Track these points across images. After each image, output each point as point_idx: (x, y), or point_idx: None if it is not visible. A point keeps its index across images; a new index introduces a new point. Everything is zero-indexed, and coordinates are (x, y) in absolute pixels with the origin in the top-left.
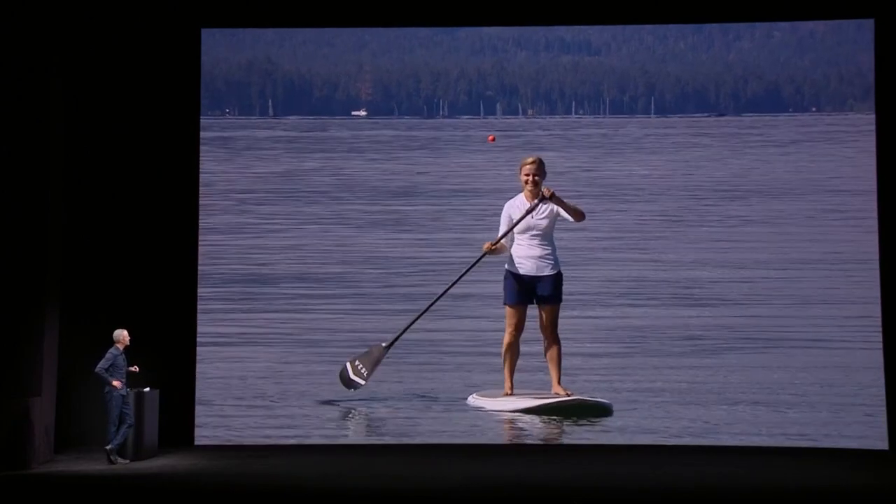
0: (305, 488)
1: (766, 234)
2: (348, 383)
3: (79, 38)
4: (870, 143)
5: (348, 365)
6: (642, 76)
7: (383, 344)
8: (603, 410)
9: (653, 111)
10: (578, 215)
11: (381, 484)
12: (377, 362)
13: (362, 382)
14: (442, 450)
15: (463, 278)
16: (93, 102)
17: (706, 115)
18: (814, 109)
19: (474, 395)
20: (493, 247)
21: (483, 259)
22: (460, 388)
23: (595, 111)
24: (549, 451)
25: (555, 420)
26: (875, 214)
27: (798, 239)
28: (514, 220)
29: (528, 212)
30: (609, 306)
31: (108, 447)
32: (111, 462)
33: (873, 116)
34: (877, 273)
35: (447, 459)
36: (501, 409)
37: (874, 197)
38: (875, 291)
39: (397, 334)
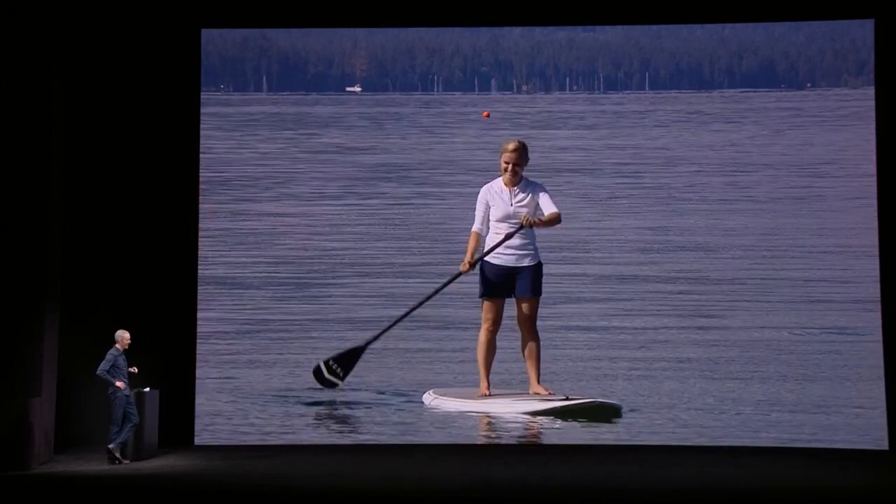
0: (305, 488)
1: (762, 220)
2: (324, 382)
3: (79, 38)
4: (862, 117)
5: (322, 365)
6: (637, 52)
7: (361, 344)
8: (614, 412)
9: (647, 87)
10: (556, 222)
11: (381, 484)
12: (354, 361)
13: (339, 382)
14: (442, 450)
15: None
16: (93, 102)
17: (701, 91)
18: (809, 85)
19: (431, 391)
20: (470, 268)
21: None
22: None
23: (589, 87)
24: (548, 451)
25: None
26: (875, 209)
27: (796, 228)
28: (493, 241)
29: (503, 241)
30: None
31: (109, 446)
32: (111, 461)
33: (865, 91)
34: (876, 269)
35: (447, 459)
36: (486, 411)
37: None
38: (875, 288)
39: (375, 335)
